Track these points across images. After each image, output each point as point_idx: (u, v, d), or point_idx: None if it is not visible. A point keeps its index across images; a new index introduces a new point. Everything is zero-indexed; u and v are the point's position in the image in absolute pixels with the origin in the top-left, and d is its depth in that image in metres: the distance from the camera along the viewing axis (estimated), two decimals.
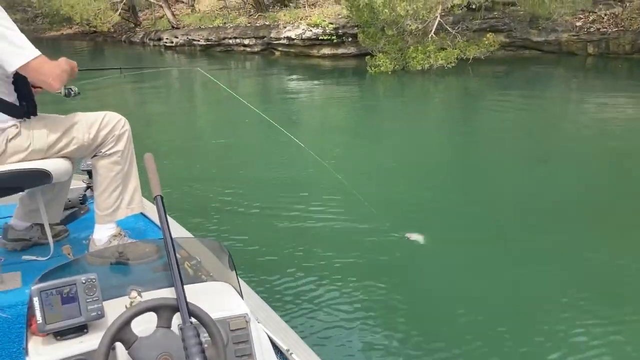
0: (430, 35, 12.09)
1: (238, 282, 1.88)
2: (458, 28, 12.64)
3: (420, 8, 11.32)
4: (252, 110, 5.03)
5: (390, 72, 12.11)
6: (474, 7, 12.66)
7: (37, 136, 2.20)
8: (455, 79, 11.64)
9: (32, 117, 2.26)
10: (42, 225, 2.49)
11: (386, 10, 11.46)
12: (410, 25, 11.90)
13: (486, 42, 12.41)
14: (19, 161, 2.17)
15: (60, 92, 2.46)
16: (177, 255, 1.71)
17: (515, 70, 12.44)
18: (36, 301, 1.56)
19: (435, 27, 12.05)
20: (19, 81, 2.20)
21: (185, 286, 1.56)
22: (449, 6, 12.01)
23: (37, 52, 2.07)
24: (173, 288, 1.67)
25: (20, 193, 2.51)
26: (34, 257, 2.43)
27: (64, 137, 2.24)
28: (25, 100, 2.24)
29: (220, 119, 9.41)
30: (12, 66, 2.05)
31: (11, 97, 2.19)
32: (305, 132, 8.29)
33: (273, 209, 4.80)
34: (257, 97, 11.90)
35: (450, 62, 11.96)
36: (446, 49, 12.19)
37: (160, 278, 1.82)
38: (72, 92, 2.56)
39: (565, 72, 12.19)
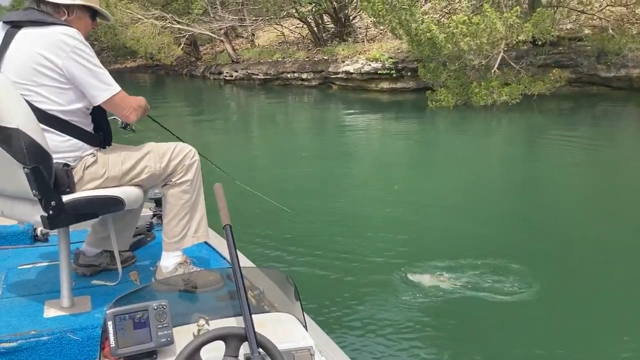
0: (493, 70, 11.99)
1: (303, 314, 1.90)
2: (522, 63, 12.48)
3: (484, 43, 11.26)
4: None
5: (451, 107, 12.05)
6: (540, 43, 12.48)
7: (112, 164, 2.32)
8: (520, 115, 11.43)
9: (107, 146, 2.40)
10: (111, 252, 2.61)
11: (449, 45, 11.48)
12: (473, 60, 11.85)
13: (552, 77, 12.18)
14: (94, 188, 2.30)
15: (119, 124, 2.62)
16: None
17: (582, 107, 12.13)
18: (110, 325, 1.63)
19: (498, 62, 11.95)
20: (97, 112, 2.36)
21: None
22: (514, 41, 11.88)
23: (119, 88, 2.27)
24: (239, 317, 1.72)
25: (92, 220, 2.63)
26: (103, 282, 2.54)
27: (137, 165, 2.36)
28: (102, 130, 2.40)
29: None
30: (98, 100, 2.23)
31: (89, 127, 2.34)
32: (366, 165, 8.32)
33: (340, 244, 4.81)
34: (315, 129, 12.07)
35: (515, 98, 11.76)
36: (510, 84, 12.04)
37: (226, 307, 1.86)
38: (129, 127, 2.72)
39: (636, 109, 11.78)
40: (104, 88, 2.22)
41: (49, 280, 2.55)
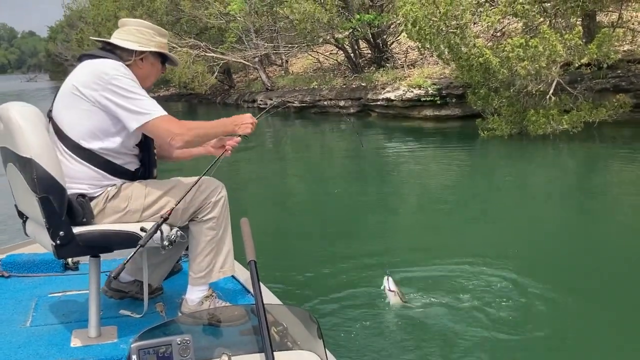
0: (548, 96, 11.84)
1: (325, 352, 2.01)
2: (578, 88, 12.34)
3: (543, 67, 11.09)
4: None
5: (506, 137, 11.90)
6: (605, 65, 12.24)
7: (134, 197, 2.48)
8: (581, 144, 11.20)
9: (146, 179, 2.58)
10: (142, 282, 2.75)
11: (504, 70, 11.42)
12: (528, 86, 11.66)
13: (616, 103, 11.95)
14: (114, 221, 2.45)
15: None
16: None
17: None
18: (135, 359, 1.77)
19: (553, 87, 11.81)
20: (143, 145, 2.56)
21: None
22: (576, 65, 11.66)
23: (157, 114, 2.37)
24: (262, 354, 1.84)
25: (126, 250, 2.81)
26: (129, 313, 2.72)
27: (159, 200, 2.50)
28: (144, 165, 2.59)
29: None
30: (132, 127, 2.39)
31: (120, 160, 2.49)
32: (411, 200, 8.27)
33: (369, 283, 4.82)
34: (354, 160, 12.14)
35: (576, 127, 11.48)
36: (569, 111, 11.84)
37: (249, 342, 1.99)
38: None
39: None
40: (137, 115, 2.35)
41: (77, 309, 2.73)
